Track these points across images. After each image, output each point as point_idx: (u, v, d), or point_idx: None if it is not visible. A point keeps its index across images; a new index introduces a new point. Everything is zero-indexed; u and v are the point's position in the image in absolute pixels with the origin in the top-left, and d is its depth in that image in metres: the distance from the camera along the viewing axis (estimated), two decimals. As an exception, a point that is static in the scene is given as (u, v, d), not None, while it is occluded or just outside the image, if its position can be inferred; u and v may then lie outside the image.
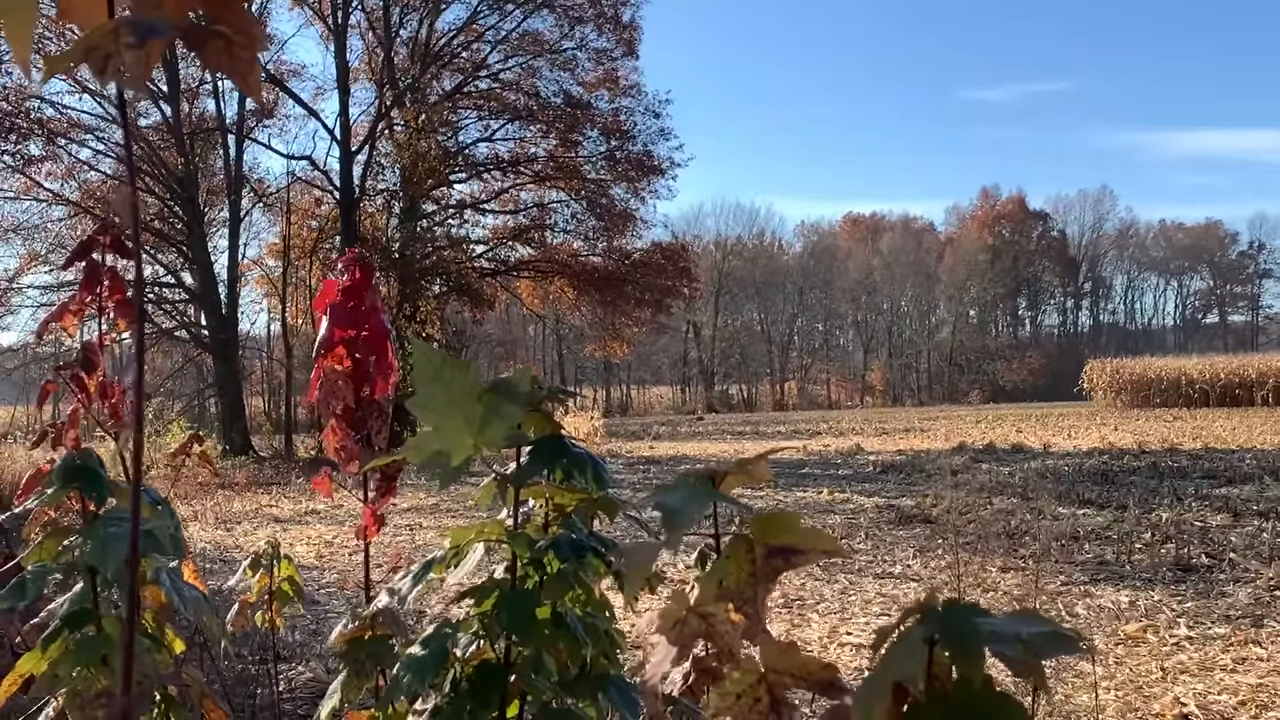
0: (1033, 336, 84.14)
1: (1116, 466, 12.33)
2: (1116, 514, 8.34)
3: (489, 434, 0.99)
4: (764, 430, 28.59)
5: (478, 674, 1.05)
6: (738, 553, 0.79)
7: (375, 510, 1.52)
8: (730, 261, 74.74)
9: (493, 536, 1.12)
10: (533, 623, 1.04)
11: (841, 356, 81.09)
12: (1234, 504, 8.49)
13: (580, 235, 30.07)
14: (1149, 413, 31.68)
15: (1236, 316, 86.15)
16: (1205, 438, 17.25)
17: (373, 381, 1.58)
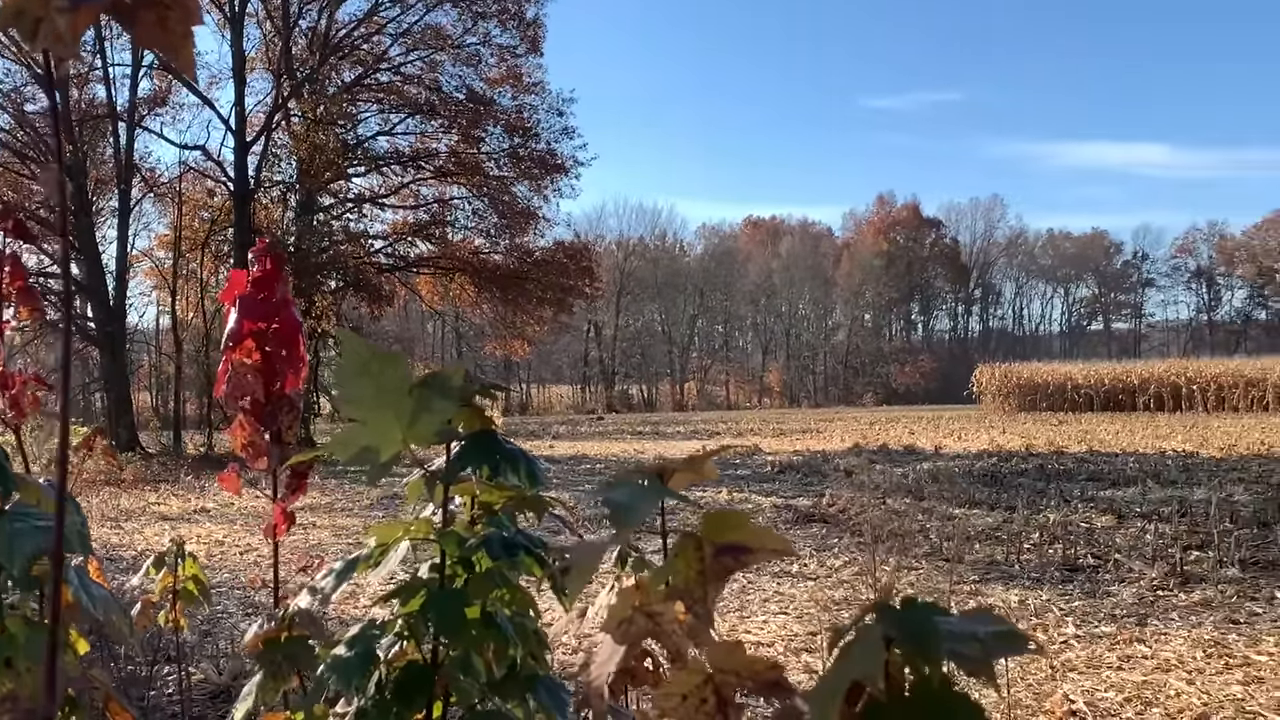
0: (925, 340, 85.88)
1: (1005, 468, 12.63)
2: (1006, 515, 8.53)
3: (419, 429, 0.97)
4: (664, 430, 28.70)
5: (404, 675, 1.02)
6: (686, 551, 0.78)
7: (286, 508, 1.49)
8: (632, 262, 74.94)
9: (420, 534, 1.10)
10: (463, 622, 1.01)
11: (740, 358, 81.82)
12: (1118, 506, 8.75)
13: (482, 232, 29.84)
14: (1036, 416, 32.54)
15: (1120, 324, 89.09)
16: (1090, 441, 17.77)
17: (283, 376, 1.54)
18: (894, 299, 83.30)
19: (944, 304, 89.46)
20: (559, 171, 28.87)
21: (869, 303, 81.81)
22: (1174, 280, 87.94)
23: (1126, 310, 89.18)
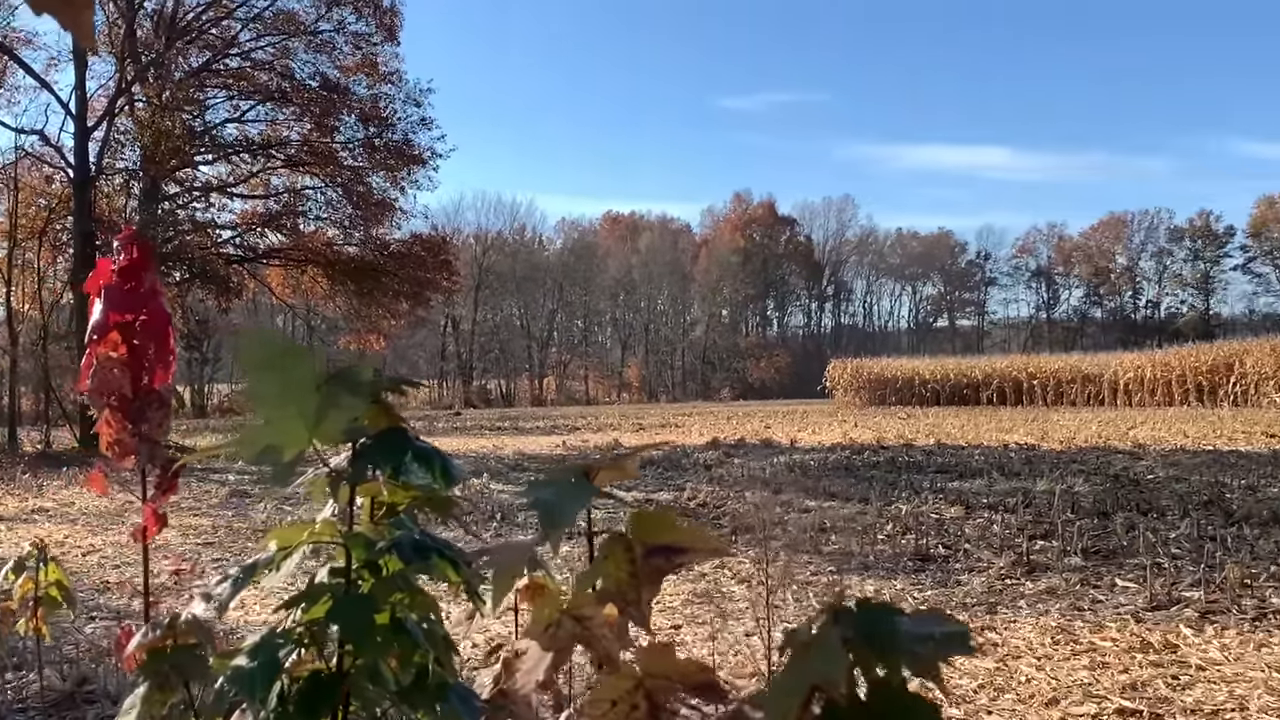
0: (780, 336, 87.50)
1: (858, 461, 12.93)
2: (860, 506, 8.72)
3: (326, 427, 0.92)
4: (523, 426, 28.56)
5: (308, 685, 0.98)
6: (616, 553, 0.76)
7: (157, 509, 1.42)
8: (491, 256, 74.37)
9: (325, 537, 1.05)
10: (371, 629, 0.97)
11: (600, 353, 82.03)
12: (966, 497, 9.03)
13: (335, 223, 29.22)
14: (886, 410, 33.44)
15: (964, 321, 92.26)
16: (938, 434, 18.33)
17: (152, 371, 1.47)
18: (750, 295, 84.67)
19: (798, 300, 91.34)
20: (416, 163, 28.45)
21: (726, 299, 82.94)
22: (1015, 279, 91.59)
23: (971, 308, 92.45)
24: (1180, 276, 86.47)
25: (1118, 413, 29.24)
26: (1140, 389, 34.22)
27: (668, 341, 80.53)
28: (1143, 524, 7.20)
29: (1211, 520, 7.37)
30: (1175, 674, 3.74)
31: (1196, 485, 9.53)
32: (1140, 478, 10.36)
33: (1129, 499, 8.58)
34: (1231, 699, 3.43)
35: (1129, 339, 67.57)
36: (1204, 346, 34.24)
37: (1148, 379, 34.08)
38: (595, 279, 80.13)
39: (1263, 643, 4.12)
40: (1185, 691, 3.53)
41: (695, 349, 79.97)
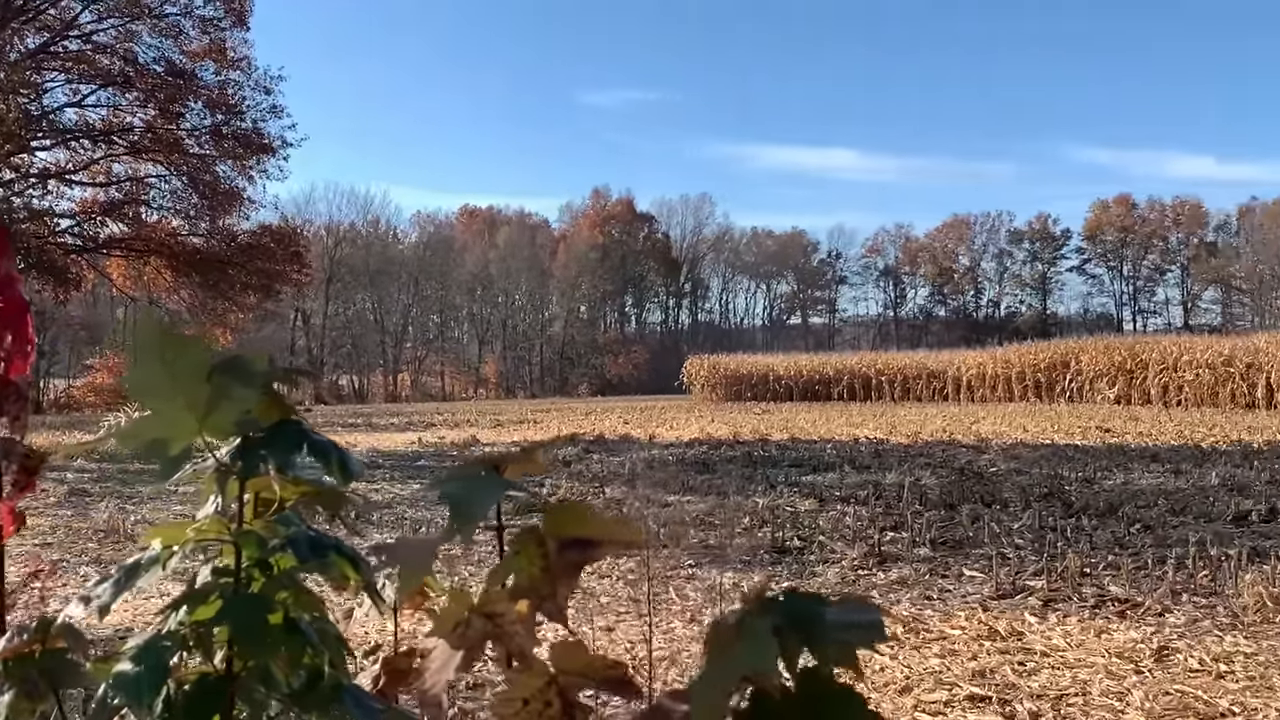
0: (638, 333, 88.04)
1: (715, 456, 13.07)
2: (718, 500, 8.82)
3: (216, 419, 0.88)
4: (377, 422, 28.07)
5: (195, 689, 0.93)
6: (528, 547, 0.74)
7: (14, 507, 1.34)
8: (343, 249, 72.93)
9: (212, 534, 1.01)
10: (265, 629, 0.93)
11: (456, 348, 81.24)
12: (820, 490, 9.22)
13: (180, 213, 28.31)
14: (741, 406, 33.92)
15: (816, 319, 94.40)
16: (791, 429, 18.68)
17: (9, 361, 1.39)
18: (609, 291, 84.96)
19: (656, 297, 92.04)
20: (266, 151, 27.74)
21: (585, 295, 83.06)
22: (865, 278, 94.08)
23: (822, 306, 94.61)
24: (1020, 277, 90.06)
25: (961, 408, 30.26)
26: (982, 385, 35.48)
27: (526, 337, 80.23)
28: (987, 515, 7.46)
29: (1052, 511, 7.68)
30: (1021, 660, 3.88)
31: (1037, 478, 9.92)
32: (984, 471, 10.73)
33: (974, 491, 8.88)
34: (1075, 684, 3.57)
35: (971, 337, 70.03)
36: (1042, 345, 35.67)
37: (989, 376, 35.35)
38: (452, 273, 79.30)
39: (1102, 629, 4.31)
40: (1031, 677, 3.66)
41: (554, 345, 79.89)
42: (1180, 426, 18.29)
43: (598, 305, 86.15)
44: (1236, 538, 6.40)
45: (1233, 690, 3.44)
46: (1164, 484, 9.34)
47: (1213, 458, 11.77)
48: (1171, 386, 28.19)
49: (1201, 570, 5.37)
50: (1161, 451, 12.77)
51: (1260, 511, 7.40)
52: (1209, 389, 26.90)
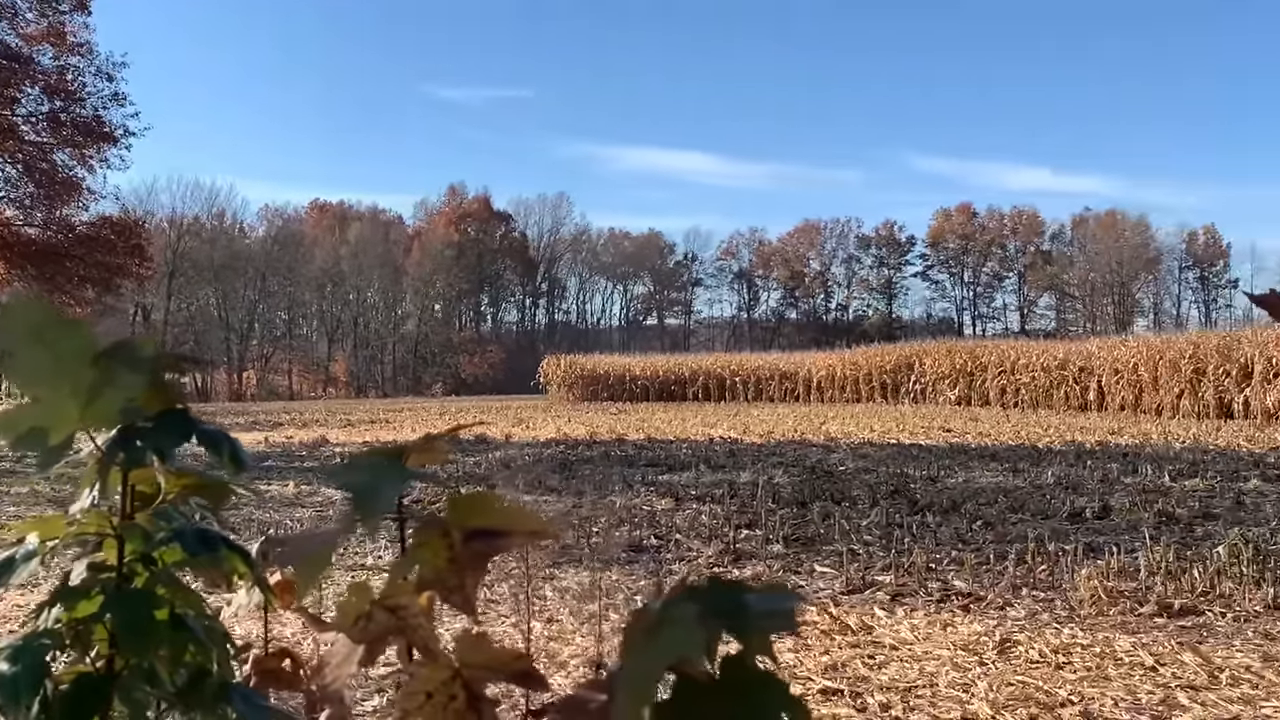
0: (494, 332, 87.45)
1: (572, 456, 13.08)
2: (575, 500, 8.83)
3: (100, 407, 0.83)
4: (221, 422, 27.00)
5: (75, 689, 0.88)
6: (432, 539, 0.72)
7: None
8: (187, 242, 70.55)
9: (93, 528, 0.95)
10: (151, 626, 0.88)
11: (305, 346, 79.43)
12: (676, 489, 9.31)
13: (15, 202, 26.96)
14: (598, 406, 34.00)
15: (672, 320, 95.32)
16: (648, 429, 18.80)
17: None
18: (464, 290, 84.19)
19: (513, 296, 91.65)
20: (107, 140, 26.66)
21: (439, 293, 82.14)
22: (720, 280, 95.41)
23: (678, 307, 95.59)
24: (867, 281, 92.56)
25: (812, 408, 30.92)
26: (832, 386, 36.32)
27: (378, 335, 78.92)
28: (837, 512, 7.64)
29: (898, 509, 7.91)
30: (872, 654, 3.98)
31: (884, 476, 10.20)
32: (834, 469, 10.99)
33: (824, 489, 9.09)
34: (922, 676, 3.68)
35: (821, 339, 71.65)
36: (888, 348, 36.73)
37: (838, 377, 36.22)
38: (301, 269, 77.47)
39: (947, 622, 4.46)
40: (881, 670, 3.77)
41: (406, 343, 78.77)
42: (1017, 427, 19.05)
43: (453, 304, 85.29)
44: (1072, 534, 6.70)
45: (1071, 680, 3.59)
46: (1003, 482, 9.71)
47: (1048, 457, 12.28)
48: (1009, 389, 29.33)
49: (1040, 565, 5.60)
50: (1000, 451, 13.27)
51: (1094, 509, 7.76)
52: (1044, 391, 28.08)
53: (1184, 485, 9.25)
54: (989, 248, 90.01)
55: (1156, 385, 23.56)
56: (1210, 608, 4.65)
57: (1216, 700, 3.36)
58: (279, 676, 1.16)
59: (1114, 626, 4.37)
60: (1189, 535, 6.61)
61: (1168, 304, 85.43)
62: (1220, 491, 8.83)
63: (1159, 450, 13.17)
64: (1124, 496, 8.43)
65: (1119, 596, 4.84)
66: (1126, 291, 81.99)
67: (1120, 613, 4.62)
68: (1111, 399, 25.50)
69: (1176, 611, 4.60)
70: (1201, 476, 9.88)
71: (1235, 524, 6.91)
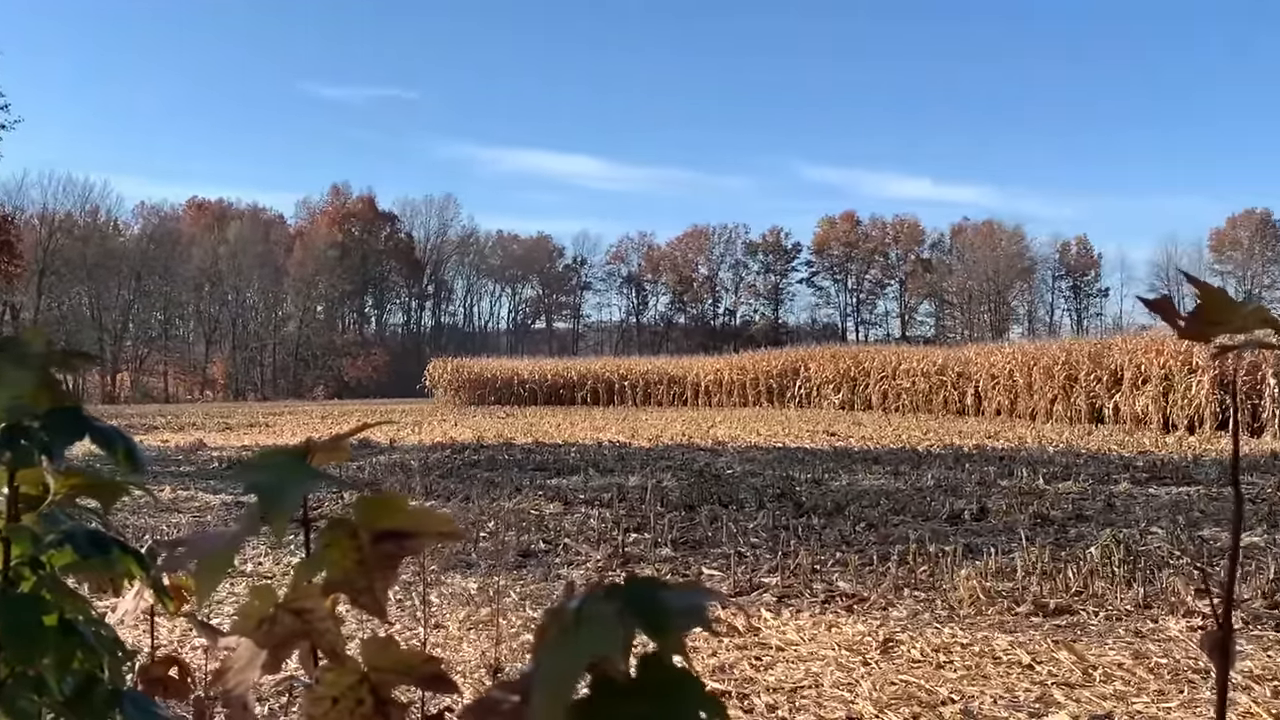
0: (379, 334, 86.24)
1: (459, 460, 12.97)
2: (462, 505, 8.76)
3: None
4: (94, 424, 26.36)
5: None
6: (340, 540, 0.70)
7: None
8: (58, 239, 68.08)
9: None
10: (39, 632, 0.84)
11: (182, 348, 77.34)
12: (564, 493, 9.29)
13: None
14: (485, 410, 33.78)
15: (561, 323, 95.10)
16: (536, 433, 18.74)
17: None
18: (348, 291, 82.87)
19: (398, 298, 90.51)
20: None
21: (322, 294, 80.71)
22: (608, 284, 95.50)
23: (567, 310, 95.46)
24: (754, 287, 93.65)
25: (699, 412, 31.17)
26: (719, 390, 36.66)
27: (257, 337, 77.21)
28: (725, 516, 7.72)
29: (784, 511, 8.01)
30: (758, 655, 4.02)
31: (770, 479, 10.33)
32: (721, 473, 11.09)
33: (712, 493, 9.16)
34: (808, 676, 3.74)
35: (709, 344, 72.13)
36: (774, 353, 37.19)
37: (726, 381, 36.58)
38: (178, 269, 75.36)
39: (832, 623, 4.53)
40: (768, 671, 3.81)
41: (287, 346, 77.20)
42: (899, 431, 19.47)
43: (336, 305, 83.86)
44: (951, 535, 6.87)
45: (951, 679, 3.68)
46: (885, 485, 9.92)
47: (928, 460, 12.58)
48: (891, 393, 29.95)
49: (921, 566, 5.72)
50: (883, 454, 13.54)
51: (972, 510, 7.97)
52: (924, 396, 28.75)
53: (1058, 488, 9.55)
54: (872, 255, 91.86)
55: (1031, 391, 24.28)
56: (1084, 607, 4.81)
57: (1090, 697, 3.47)
58: (167, 685, 1.12)
59: (992, 626, 4.48)
60: (1063, 536, 6.83)
61: (1041, 312, 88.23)
62: (1092, 494, 9.14)
63: (1034, 454, 13.58)
64: (1001, 499, 8.67)
65: (997, 596, 4.97)
66: (1002, 299, 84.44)
67: (998, 612, 4.74)
68: (988, 404, 26.22)
69: (1052, 611, 4.74)
70: (1074, 479, 10.22)
71: (1107, 525, 7.16)
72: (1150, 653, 3.97)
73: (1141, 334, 23.86)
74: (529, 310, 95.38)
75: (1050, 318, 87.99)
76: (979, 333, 73.42)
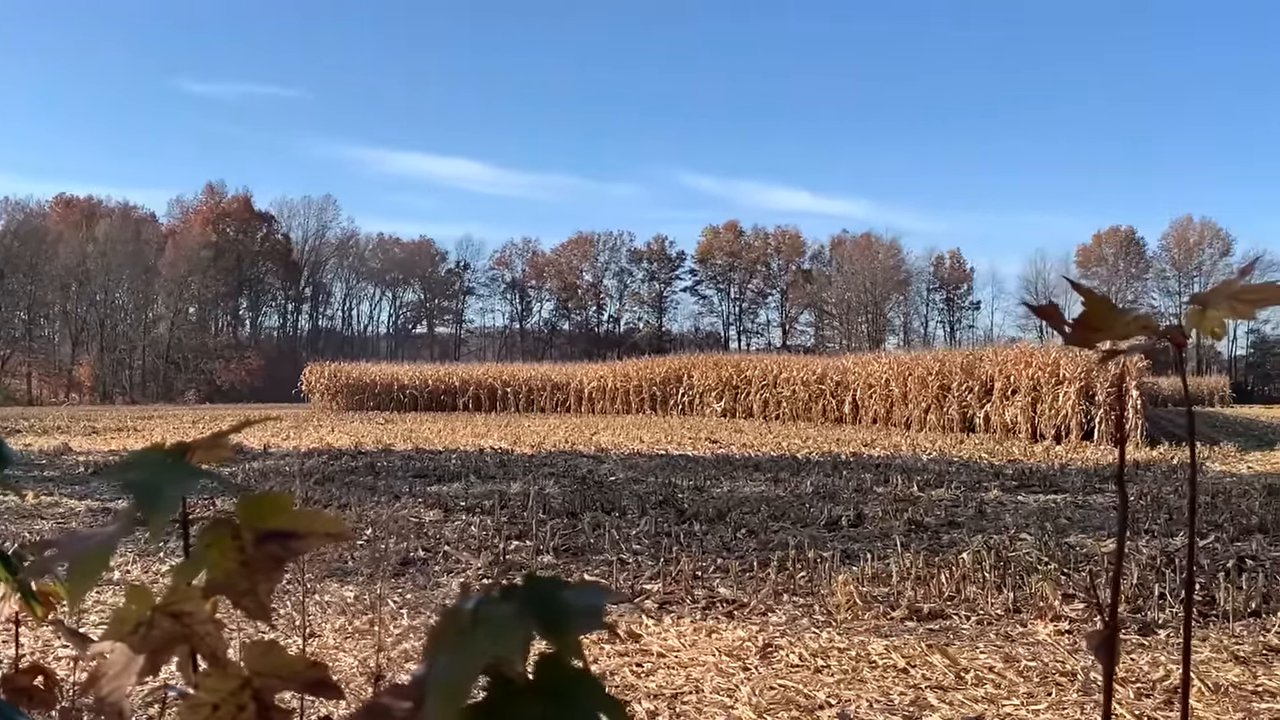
0: (253, 337, 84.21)
1: (336, 466, 12.74)
2: (340, 512, 8.61)
3: None
4: (-51, 428, 25.22)
5: None
6: (222, 541, 0.67)
7: None
8: (-88, 234, 65.06)
9: None
10: None
11: (46, 349, 74.45)
12: (445, 500, 9.20)
13: None
14: (364, 416, 33.24)
15: (443, 328, 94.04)
16: (416, 439, 18.51)
17: None
18: (222, 293, 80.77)
19: (274, 300, 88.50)
20: None
21: (195, 295, 78.50)
22: (492, 289, 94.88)
23: (449, 315, 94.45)
24: (639, 294, 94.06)
25: (583, 419, 31.16)
26: (603, 398, 36.70)
27: (127, 339, 74.72)
28: (607, 522, 7.72)
29: (666, 518, 8.06)
30: (639, 662, 4.03)
31: (653, 486, 10.38)
32: (604, 479, 11.11)
33: (595, 499, 9.17)
34: (689, 682, 3.76)
35: (593, 351, 72.34)
36: (658, 360, 37.36)
37: (609, 389, 36.63)
38: (43, 267, 72.52)
39: (713, 629, 4.56)
40: (649, 678, 3.82)
41: (158, 348, 74.87)
42: (779, 439, 19.74)
43: (209, 307, 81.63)
44: (830, 541, 6.98)
45: (829, 683, 3.74)
46: (766, 492, 10.04)
47: (807, 468, 12.78)
48: (772, 402, 30.35)
49: (800, 572, 5.81)
50: (763, 462, 13.71)
51: (849, 517, 8.12)
52: (804, 404, 29.21)
53: (931, 495, 9.79)
54: (754, 265, 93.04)
55: (906, 400, 24.85)
56: (956, 611, 4.93)
57: (963, 700, 3.56)
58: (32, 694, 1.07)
59: (868, 630, 4.57)
60: (936, 542, 7.00)
61: (916, 323, 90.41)
62: (964, 501, 9.39)
63: (908, 462, 13.89)
64: (877, 505, 8.85)
65: (873, 601, 5.07)
66: (879, 310, 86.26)
67: (874, 617, 4.83)
68: (865, 412, 26.75)
69: (925, 615, 4.85)
70: (947, 487, 10.49)
71: (978, 531, 7.37)
72: (1020, 656, 4.08)
73: (1011, 346, 24.67)
74: (410, 315, 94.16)
75: (925, 329, 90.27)
76: (857, 343, 74.85)
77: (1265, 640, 4.39)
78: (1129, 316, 0.78)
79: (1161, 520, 7.96)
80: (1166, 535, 7.18)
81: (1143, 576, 5.54)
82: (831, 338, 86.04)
